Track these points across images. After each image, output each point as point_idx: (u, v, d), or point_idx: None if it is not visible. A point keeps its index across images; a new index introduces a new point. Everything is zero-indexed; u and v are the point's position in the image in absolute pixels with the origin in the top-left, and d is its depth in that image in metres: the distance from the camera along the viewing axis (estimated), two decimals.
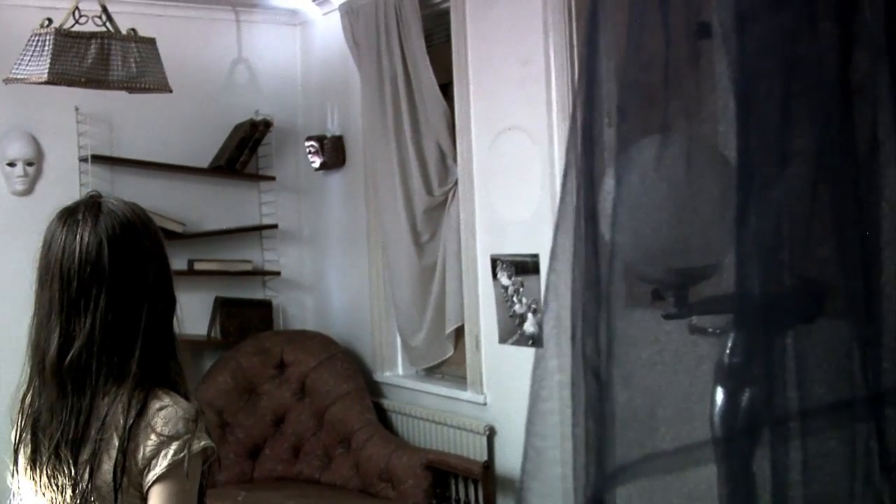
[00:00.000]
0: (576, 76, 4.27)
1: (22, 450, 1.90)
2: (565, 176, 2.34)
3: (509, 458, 4.69)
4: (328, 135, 5.79)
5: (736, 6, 2.58)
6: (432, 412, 5.11)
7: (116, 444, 1.79)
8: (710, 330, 4.00)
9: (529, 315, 4.55)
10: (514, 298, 4.63)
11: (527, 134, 4.48)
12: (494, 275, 4.71)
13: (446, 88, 4.95)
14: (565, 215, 2.16)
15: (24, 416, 1.89)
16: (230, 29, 5.87)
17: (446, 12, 4.90)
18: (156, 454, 1.79)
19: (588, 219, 2.16)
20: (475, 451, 4.79)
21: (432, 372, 5.40)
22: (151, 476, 1.79)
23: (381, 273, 5.49)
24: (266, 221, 6.00)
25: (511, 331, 4.66)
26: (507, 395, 4.73)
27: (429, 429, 5.12)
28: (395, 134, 5.14)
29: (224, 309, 5.73)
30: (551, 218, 4.33)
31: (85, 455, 1.80)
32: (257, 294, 5.98)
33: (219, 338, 5.68)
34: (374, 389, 5.53)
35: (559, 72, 4.30)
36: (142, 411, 1.81)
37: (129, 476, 1.79)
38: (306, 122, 6.07)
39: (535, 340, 4.51)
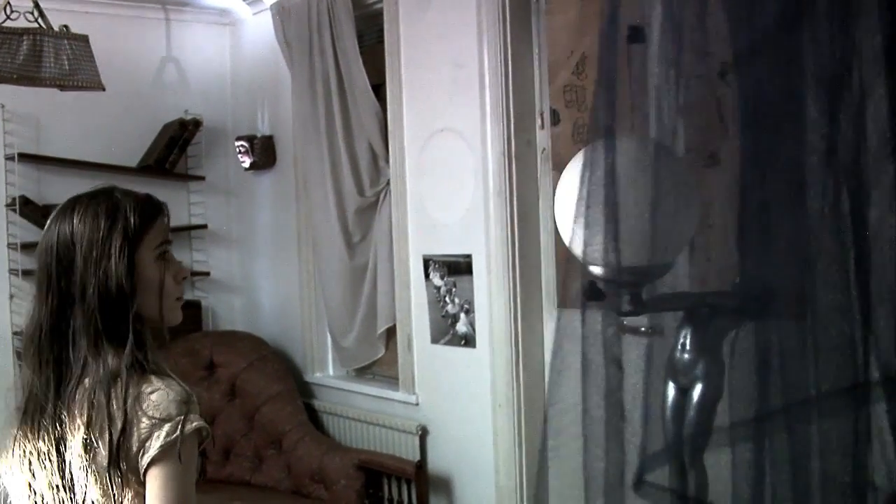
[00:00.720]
0: (510, 79, 4.30)
1: (16, 442, 1.92)
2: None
3: (441, 458, 4.70)
4: (258, 135, 5.74)
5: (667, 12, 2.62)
6: (364, 413, 5.09)
7: (108, 429, 1.79)
8: (643, 329, 4.06)
9: (462, 315, 4.56)
10: (447, 299, 4.63)
11: (460, 136, 4.49)
12: (427, 275, 4.71)
13: (379, 89, 4.94)
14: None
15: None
16: (160, 27, 5.79)
17: (379, 13, 4.89)
18: (148, 437, 1.79)
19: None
20: (407, 450, 4.79)
21: (363, 372, 5.38)
22: (146, 459, 1.79)
23: (311, 274, 5.46)
24: (195, 222, 5.92)
25: (443, 331, 4.66)
26: (438, 394, 4.74)
27: (361, 429, 5.10)
28: (326, 134, 5.11)
29: None
30: (484, 219, 4.36)
31: (79, 442, 1.81)
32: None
33: None
34: (304, 390, 5.49)
35: (493, 75, 4.31)
36: (135, 396, 1.82)
37: (125, 460, 1.79)
38: (236, 122, 6.01)
39: (468, 340, 4.52)
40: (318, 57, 5.07)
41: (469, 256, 4.49)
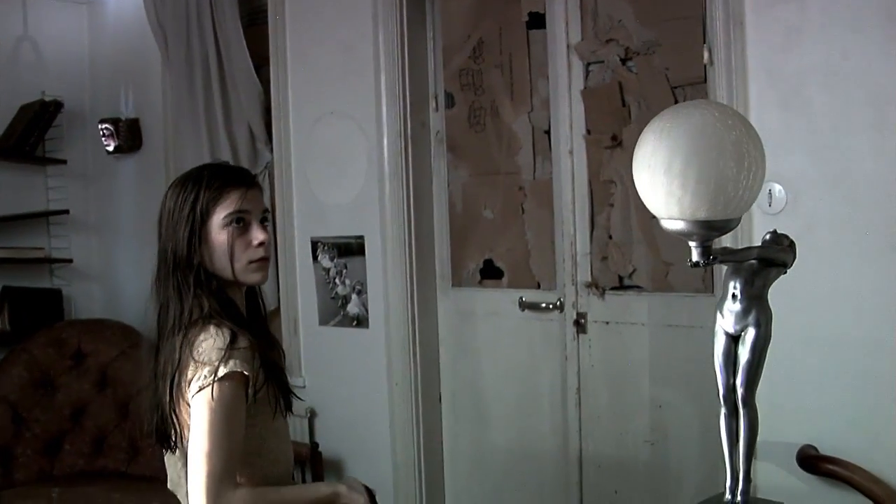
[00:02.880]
0: (406, 62, 4.29)
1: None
2: None
3: (332, 440, 4.63)
4: (123, 117, 5.49)
5: None
6: None
7: (168, 367, 2.17)
8: (543, 306, 4.14)
9: (354, 296, 4.52)
10: (337, 280, 4.57)
11: (352, 119, 4.44)
12: (315, 257, 4.64)
13: (261, 70, 4.82)
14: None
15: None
16: (15, 5, 5.44)
17: None
18: (192, 377, 2.11)
19: None
20: (297, 434, 4.68)
21: None
22: (189, 396, 2.12)
23: None
24: (54, 207, 5.61)
25: (333, 313, 4.60)
26: (327, 377, 4.68)
27: None
28: (205, 117, 4.94)
29: (11, 299, 5.32)
30: (378, 200, 4.34)
31: (163, 382, 2.20)
32: (44, 283, 5.59)
33: (8, 329, 5.27)
34: None
35: (388, 58, 4.29)
36: (190, 343, 2.15)
37: (182, 397, 2.15)
38: (96, 104, 5.72)
39: (360, 321, 4.48)
40: (197, 38, 4.89)
41: (361, 237, 4.45)
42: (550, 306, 4.08)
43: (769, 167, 3.10)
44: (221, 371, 2.08)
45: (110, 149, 5.43)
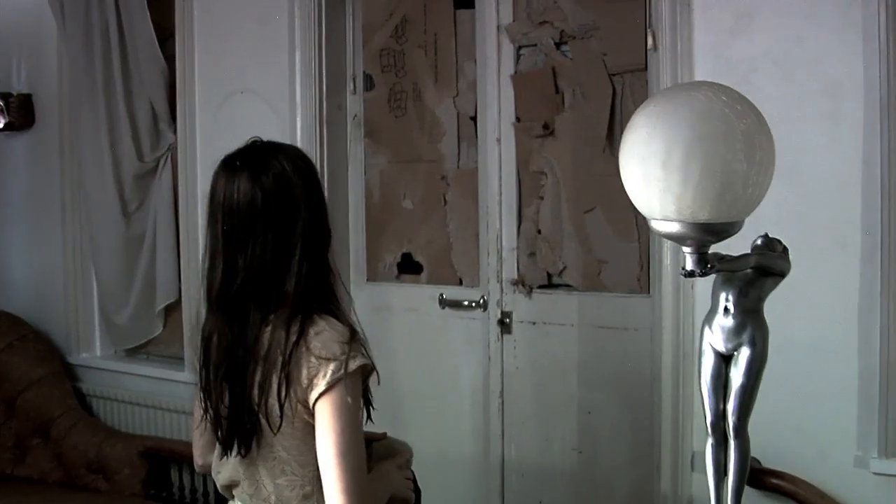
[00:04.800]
0: (323, 40, 3.92)
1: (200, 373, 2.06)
2: None
3: None
4: (14, 92, 4.98)
5: None
6: (143, 395, 4.53)
7: (280, 367, 1.91)
8: (466, 303, 3.83)
9: None
10: None
11: (264, 99, 4.05)
12: None
13: (165, 43, 4.38)
14: None
15: (199, 343, 2.05)
16: None
17: None
18: (316, 374, 1.90)
19: None
20: None
21: (136, 352, 4.79)
22: (314, 394, 1.91)
23: (79, 244, 4.80)
24: None
25: None
26: None
27: (140, 414, 4.53)
28: (104, 93, 4.48)
29: None
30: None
31: (257, 377, 1.94)
32: None
33: None
34: (69, 373, 4.81)
35: (304, 34, 3.91)
36: (301, 336, 1.92)
37: (295, 395, 1.92)
38: None
39: None
40: (96, 4, 4.43)
41: None
42: (473, 304, 3.76)
43: None
44: (352, 366, 1.92)
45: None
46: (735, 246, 1.67)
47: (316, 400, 1.91)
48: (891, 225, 2.75)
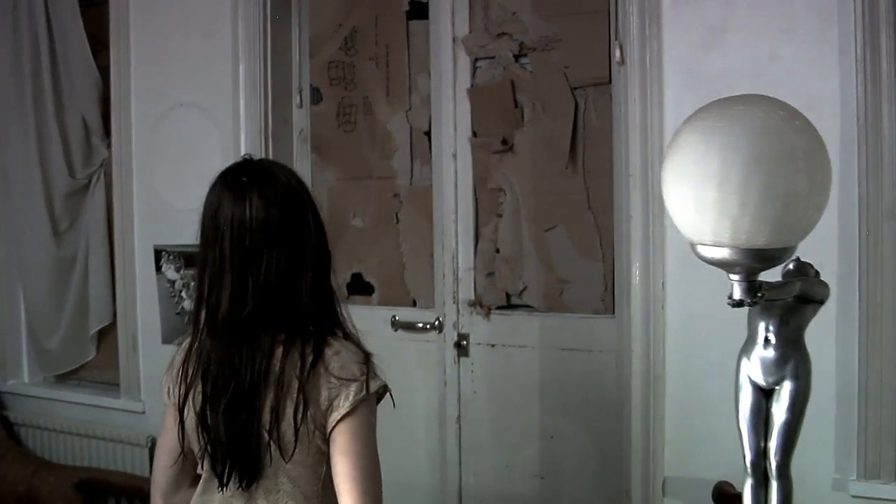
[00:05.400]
0: (269, 51, 3.73)
1: (190, 402, 1.91)
2: None
3: None
4: None
5: None
6: (76, 424, 4.26)
7: (296, 389, 1.83)
8: (420, 325, 3.68)
9: None
10: (184, 293, 3.97)
11: (205, 113, 3.85)
12: (159, 268, 4.02)
13: (98, 55, 4.15)
14: None
15: (191, 370, 1.91)
16: None
17: None
18: (337, 395, 1.84)
19: None
20: (136, 464, 4.07)
21: (66, 378, 4.52)
22: (335, 416, 1.84)
23: (5, 266, 4.52)
24: None
25: (178, 330, 3.98)
26: None
27: (73, 444, 4.26)
28: (33, 106, 4.24)
29: None
30: None
31: (268, 402, 1.84)
32: None
33: None
34: None
35: (249, 44, 3.72)
36: (318, 357, 1.85)
37: (312, 418, 1.84)
38: None
39: None
40: (26, 12, 4.18)
41: None
42: (428, 326, 3.61)
43: None
44: (373, 387, 1.88)
45: None
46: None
47: (337, 422, 1.85)
48: (868, 244, 2.67)
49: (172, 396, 1.98)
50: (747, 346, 1.56)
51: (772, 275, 1.46)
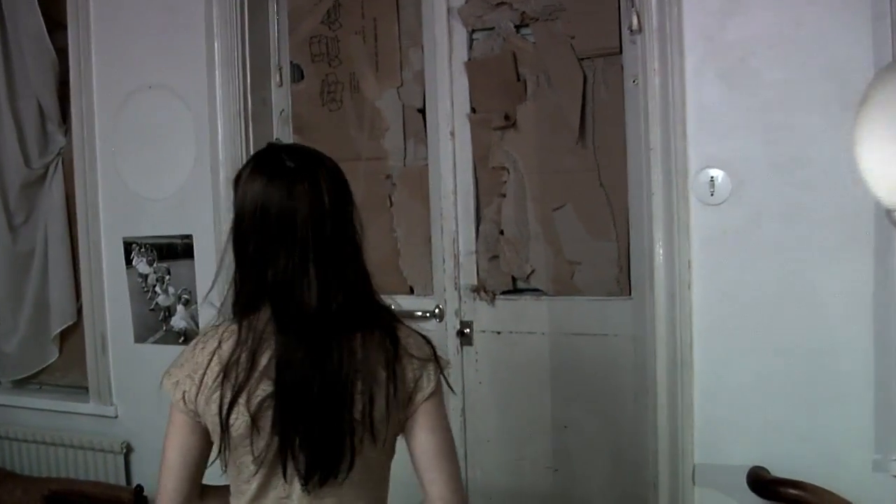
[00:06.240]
0: (246, 29, 3.51)
1: (241, 406, 1.77)
2: None
3: (151, 477, 3.77)
4: None
5: None
6: (41, 432, 4.00)
7: (384, 375, 1.81)
8: (419, 314, 3.49)
9: (179, 307, 3.70)
10: (157, 289, 3.74)
11: (177, 95, 3.61)
12: (129, 261, 3.78)
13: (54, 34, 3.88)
14: None
15: (240, 372, 1.77)
16: None
17: None
18: (420, 375, 1.87)
19: None
20: (109, 473, 3.84)
21: (26, 383, 4.25)
22: (422, 395, 1.87)
23: None
24: None
25: (152, 328, 3.77)
26: (145, 405, 3.77)
27: (41, 452, 3.99)
28: None
29: None
30: (211, 192, 3.55)
31: (358, 391, 1.80)
32: None
33: None
34: None
35: (223, 20, 3.49)
36: (397, 342, 1.84)
37: (398, 401, 1.83)
38: None
39: (188, 336, 3.67)
40: None
41: (189, 237, 3.64)
42: (427, 314, 3.43)
43: (707, 150, 2.57)
44: (443, 364, 1.93)
45: None
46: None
47: (424, 400, 1.87)
48: None
49: (199, 404, 1.86)
50: None
51: None
